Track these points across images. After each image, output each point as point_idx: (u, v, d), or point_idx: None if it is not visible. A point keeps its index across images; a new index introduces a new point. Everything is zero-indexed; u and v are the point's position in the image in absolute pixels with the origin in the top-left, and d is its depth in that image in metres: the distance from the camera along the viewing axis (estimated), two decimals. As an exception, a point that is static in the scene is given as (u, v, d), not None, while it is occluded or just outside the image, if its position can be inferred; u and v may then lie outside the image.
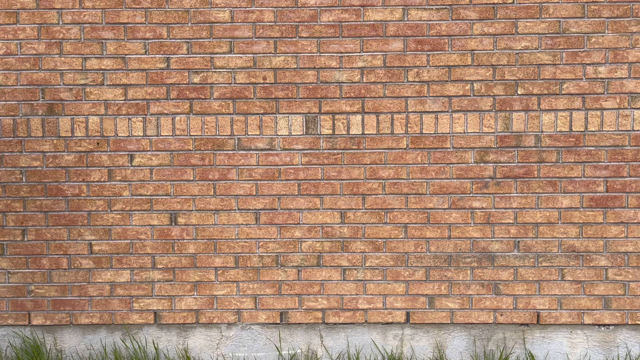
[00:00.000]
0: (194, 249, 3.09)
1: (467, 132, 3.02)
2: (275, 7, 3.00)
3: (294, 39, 3.01)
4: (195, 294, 3.12)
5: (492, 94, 3.00)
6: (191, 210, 3.08)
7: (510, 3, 2.98)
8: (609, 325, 3.08)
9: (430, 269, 3.08)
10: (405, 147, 3.04)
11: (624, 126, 2.99)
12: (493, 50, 2.99)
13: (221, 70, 3.02)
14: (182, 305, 3.12)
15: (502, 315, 3.08)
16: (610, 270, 3.05)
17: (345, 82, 3.02)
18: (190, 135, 3.05)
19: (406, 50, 3.01)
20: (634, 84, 2.97)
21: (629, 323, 3.06)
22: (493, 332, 3.11)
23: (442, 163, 3.03)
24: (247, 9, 3.01)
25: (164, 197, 3.08)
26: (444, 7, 2.98)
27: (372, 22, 3.00)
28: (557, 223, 3.04)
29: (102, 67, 3.03)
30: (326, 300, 3.10)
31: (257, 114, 3.04)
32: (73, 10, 3.02)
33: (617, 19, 2.95)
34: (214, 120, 3.04)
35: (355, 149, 3.04)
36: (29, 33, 3.04)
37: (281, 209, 3.07)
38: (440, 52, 3.00)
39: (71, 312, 3.12)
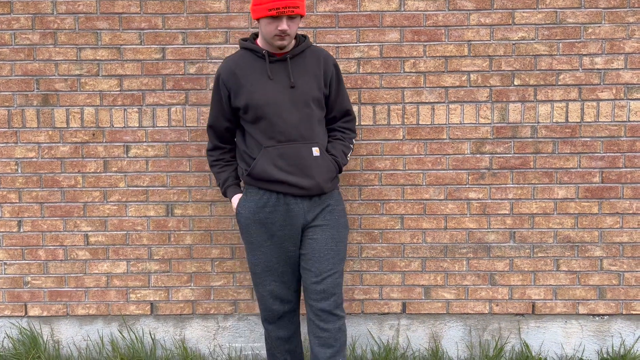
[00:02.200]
0: (190, 240, 3.09)
1: (464, 123, 3.02)
2: (271, -3, 2.98)
3: (290, 30, 2.99)
4: (191, 285, 3.12)
5: (488, 85, 3.00)
6: (187, 202, 3.07)
7: (507, -7, 2.97)
8: (603, 315, 3.10)
9: (426, 259, 3.09)
10: (401, 138, 3.03)
11: (619, 117, 2.99)
12: (490, 40, 2.98)
13: (217, 60, 3.01)
14: (179, 296, 3.13)
15: (497, 305, 3.10)
16: (605, 261, 3.06)
17: (341, 73, 3.00)
18: (187, 126, 3.04)
19: (403, 41, 2.99)
20: (630, 74, 2.97)
21: (624, 313, 3.08)
22: (488, 322, 3.12)
23: (438, 154, 3.03)
24: (243, -1, 2.99)
25: (160, 188, 3.07)
26: (440, -3, 2.97)
27: (368, 12, 2.98)
28: (553, 214, 3.05)
29: (97, 58, 3.02)
30: (323, 291, 3.10)
31: (253, 104, 3.02)
32: (67, 0, 2.99)
33: (614, 10, 2.95)
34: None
35: (351, 140, 3.03)
36: (23, 23, 3.01)
37: (277, 200, 3.07)
38: (437, 42, 2.99)
39: (68, 303, 3.13)
